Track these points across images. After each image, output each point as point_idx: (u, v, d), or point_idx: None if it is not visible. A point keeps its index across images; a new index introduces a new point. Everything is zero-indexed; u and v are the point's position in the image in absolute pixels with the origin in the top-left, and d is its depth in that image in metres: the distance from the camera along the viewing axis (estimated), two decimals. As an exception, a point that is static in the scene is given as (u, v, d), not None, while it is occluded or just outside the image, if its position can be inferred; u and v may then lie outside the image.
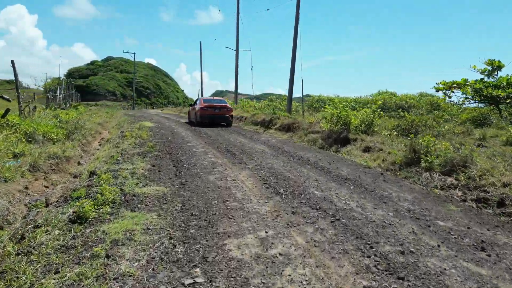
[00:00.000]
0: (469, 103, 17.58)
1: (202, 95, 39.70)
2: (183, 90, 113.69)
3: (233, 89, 30.32)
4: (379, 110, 12.26)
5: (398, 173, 7.88)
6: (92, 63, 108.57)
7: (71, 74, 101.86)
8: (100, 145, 12.78)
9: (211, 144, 11.47)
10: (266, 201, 5.66)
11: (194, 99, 38.63)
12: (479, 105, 17.67)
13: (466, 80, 17.53)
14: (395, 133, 11.66)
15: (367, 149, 10.18)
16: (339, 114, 12.03)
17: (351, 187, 6.55)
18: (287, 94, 22.40)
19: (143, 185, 6.48)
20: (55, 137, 10.52)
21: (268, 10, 46.01)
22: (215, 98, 21.51)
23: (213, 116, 18.80)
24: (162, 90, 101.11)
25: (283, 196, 5.91)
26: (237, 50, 27.72)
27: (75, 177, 8.32)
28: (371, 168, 8.32)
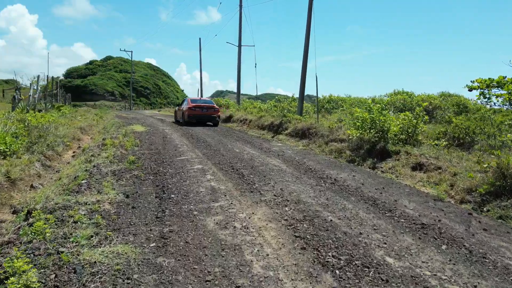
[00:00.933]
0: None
1: (201, 95, 37.15)
2: (183, 90, 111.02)
3: (234, 89, 27.67)
4: (423, 113, 9.63)
5: (486, 209, 5.28)
6: (91, 62, 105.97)
7: (69, 73, 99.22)
8: (73, 156, 10.17)
9: (210, 158, 8.87)
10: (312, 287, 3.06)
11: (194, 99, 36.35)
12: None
13: (503, 78, 14.93)
14: (444, 143, 9.05)
15: (418, 167, 7.56)
16: (373, 119, 9.41)
17: (442, 246, 3.91)
18: (289, 95, 19.80)
19: (99, 242, 3.87)
20: (7, 149, 7.92)
21: None
22: (202, 98, 22.13)
23: (200, 116, 18.90)
24: (162, 90, 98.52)
25: (337, 272, 3.30)
26: (239, 46, 25.15)
27: (14, 212, 5.72)
28: (443, 201, 5.69)
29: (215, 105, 19.85)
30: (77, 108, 25.30)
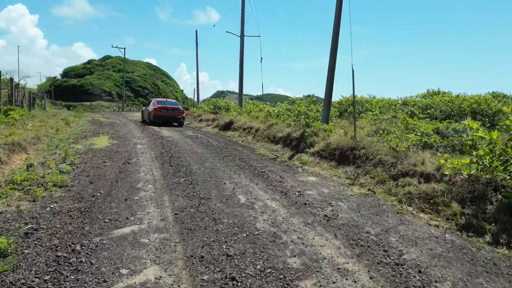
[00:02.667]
0: None
1: (198, 93, 32.35)
2: (182, 90, 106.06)
3: (234, 89, 22.67)
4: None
5: None
6: (89, 62, 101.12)
7: (66, 73, 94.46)
8: None
9: (188, 233, 3.99)
10: None
11: (194, 99, 31.60)
12: None
13: None
14: None
15: None
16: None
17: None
18: (289, 95, 14.97)
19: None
20: None
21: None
22: (168, 100, 22.44)
23: (165, 116, 19.13)
24: (161, 90, 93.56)
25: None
26: (242, 35, 20.29)
27: None
28: None
29: (179, 107, 20.47)
30: (46, 111, 20.44)
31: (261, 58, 21.40)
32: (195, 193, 5.60)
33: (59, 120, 16.20)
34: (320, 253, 3.60)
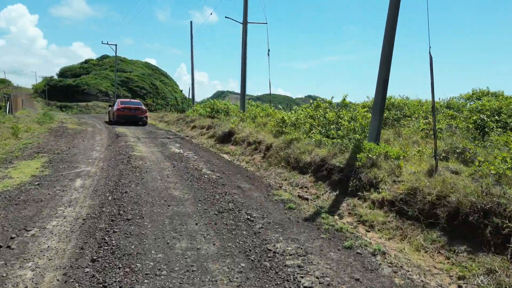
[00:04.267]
0: None
1: (193, 94, 28.09)
2: (181, 90, 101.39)
3: (234, 89, 18.24)
4: None
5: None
6: (87, 61, 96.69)
7: (63, 73, 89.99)
8: None
9: None
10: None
11: (193, 99, 27.51)
12: None
13: None
14: None
15: None
16: None
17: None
18: (290, 95, 10.89)
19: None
20: None
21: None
22: (131, 100, 23.01)
23: (128, 116, 19.32)
24: (159, 90, 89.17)
25: None
26: (245, 22, 15.90)
27: None
28: None
29: (142, 107, 20.66)
30: (6, 116, 16.03)
31: (268, 50, 17.04)
32: None
33: (4, 130, 11.90)
34: None
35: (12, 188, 5.46)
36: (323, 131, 9.84)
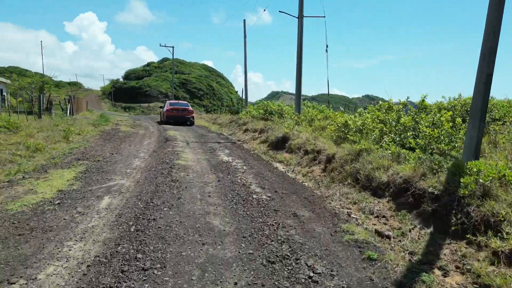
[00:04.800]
0: None
1: (246, 94, 27.19)
2: (237, 91, 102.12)
3: (289, 90, 16.71)
4: None
5: None
6: (148, 64, 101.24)
7: (127, 75, 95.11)
8: None
9: None
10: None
11: (248, 100, 26.98)
12: None
13: None
14: None
15: None
16: None
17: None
18: (346, 95, 9.19)
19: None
20: None
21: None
22: (179, 102, 24.13)
23: (176, 116, 20.49)
24: (215, 91, 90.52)
25: None
26: (300, 16, 14.40)
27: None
28: None
29: (189, 108, 21.71)
30: (62, 119, 16.20)
31: (327, 46, 15.40)
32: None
33: (56, 133, 11.69)
34: None
35: (28, 209, 4.59)
36: (397, 139, 8.08)
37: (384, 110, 9.52)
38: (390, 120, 8.74)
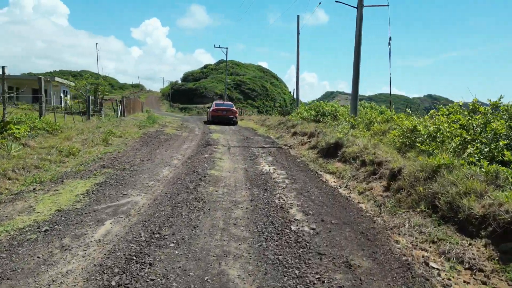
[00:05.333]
0: None
1: (297, 93, 25.68)
2: (290, 92, 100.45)
3: (344, 90, 15.13)
4: None
5: None
6: (205, 66, 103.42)
7: (185, 77, 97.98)
8: None
9: None
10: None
11: (303, 100, 25.94)
12: None
13: None
14: None
15: None
16: None
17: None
18: (405, 94, 6.74)
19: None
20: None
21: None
22: (224, 102, 25.07)
23: (220, 116, 21.28)
24: (269, 92, 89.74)
25: None
26: (360, 6, 12.53)
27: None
28: None
29: (233, 108, 22.44)
30: (110, 120, 16.02)
31: (390, 39, 13.38)
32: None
33: (97, 135, 11.24)
34: None
35: (6, 237, 3.66)
36: (485, 150, 6.16)
37: (466, 113, 7.50)
38: (475, 126, 6.78)
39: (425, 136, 7.25)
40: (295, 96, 26.53)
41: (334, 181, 7.17)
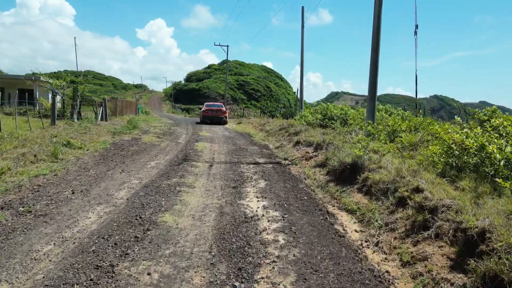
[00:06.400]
0: None
1: (301, 94, 22.94)
2: (295, 92, 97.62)
3: (349, 90, 13.11)
4: None
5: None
6: (209, 66, 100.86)
7: (189, 78, 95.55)
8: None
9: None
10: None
11: (307, 101, 24.19)
12: None
13: None
14: None
15: None
16: None
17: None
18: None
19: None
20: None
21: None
22: (215, 103, 26.33)
23: (210, 116, 22.36)
24: (273, 92, 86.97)
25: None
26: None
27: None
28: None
29: (223, 108, 23.70)
30: (87, 124, 13.42)
31: (416, 27, 10.63)
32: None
33: (45, 147, 8.65)
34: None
35: None
36: None
37: None
38: None
39: (501, 162, 4.52)
40: (299, 96, 23.82)
41: (356, 231, 4.49)
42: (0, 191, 5.46)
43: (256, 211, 5.01)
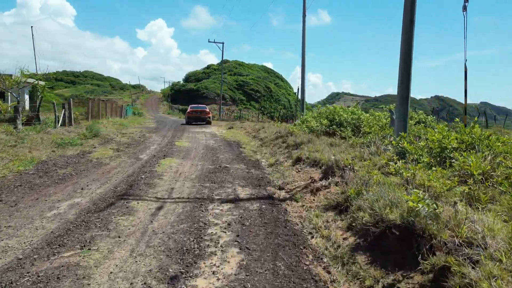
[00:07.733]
0: None
1: (303, 94, 19.86)
2: (295, 93, 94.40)
3: (350, 91, 10.36)
4: None
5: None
6: (208, 67, 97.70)
7: (188, 78, 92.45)
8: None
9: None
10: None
11: (302, 106, 21.35)
12: None
13: None
14: None
15: None
16: None
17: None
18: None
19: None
20: None
21: None
22: (199, 105, 28.08)
23: (195, 117, 23.71)
24: (273, 93, 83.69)
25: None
26: None
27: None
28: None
29: (206, 110, 25.15)
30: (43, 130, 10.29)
31: (466, 1, 7.50)
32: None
33: None
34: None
35: None
36: None
37: None
38: None
39: None
40: (300, 97, 20.67)
41: None
42: None
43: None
